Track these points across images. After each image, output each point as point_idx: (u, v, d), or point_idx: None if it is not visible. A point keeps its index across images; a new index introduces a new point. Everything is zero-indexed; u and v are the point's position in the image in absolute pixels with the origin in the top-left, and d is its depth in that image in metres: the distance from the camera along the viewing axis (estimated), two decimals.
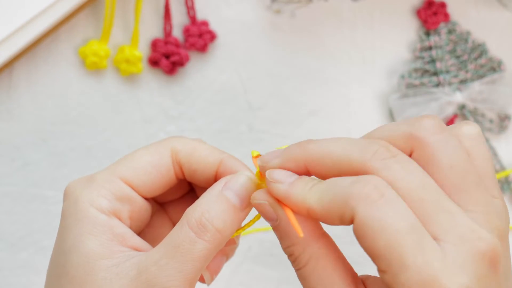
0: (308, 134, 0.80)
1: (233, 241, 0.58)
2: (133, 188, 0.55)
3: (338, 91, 0.81)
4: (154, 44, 0.80)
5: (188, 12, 0.80)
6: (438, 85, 0.81)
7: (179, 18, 0.81)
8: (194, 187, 0.60)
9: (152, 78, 0.81)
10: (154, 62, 0.80)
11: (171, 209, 0.61)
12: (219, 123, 0.81)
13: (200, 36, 0.80)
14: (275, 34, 0.81)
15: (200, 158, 0.56)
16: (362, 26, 0.81)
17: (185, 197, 0.61)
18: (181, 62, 0.80)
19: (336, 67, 0.81)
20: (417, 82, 0.80)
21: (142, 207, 0.56)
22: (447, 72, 0.81)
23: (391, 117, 0.81)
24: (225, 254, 0.58)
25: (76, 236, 0.52)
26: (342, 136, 0.49)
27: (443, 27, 0.81)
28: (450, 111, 0.80)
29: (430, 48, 0.81)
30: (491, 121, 0.81)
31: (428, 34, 0.81)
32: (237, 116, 0.81)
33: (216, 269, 0.57)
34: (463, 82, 0.81)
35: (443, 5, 0.81)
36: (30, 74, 0.80)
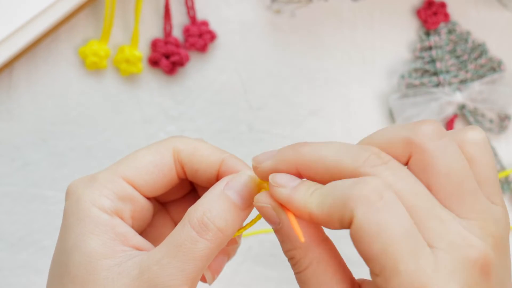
0: (308, 134, 0.80)
1: (234, 241, 0.58)
2: (135, 188, 0.55)
3: (338, 91, 0.81)
4: (154, 44, 0.80)
5: (188, 12, 0.80)
6: (438, 85, 0.81)
7: (179, 18, 0.81)
8: (196, 186, 0.60)
9: (152, 78, 0.81)
10: (154, 62, 0.80)
11: (173, 209, 0.61)
12: (219, 123, 0.81)
13: (200, 36, 0.80)
14: (275, 34, 0.81)
15: (201, 158, 0.56)
16: (362, 26, 0.82)
17: (186, 197, 0.61)
18: (181, 62, 0.80)
19: (336, 67, 0.81)
20: (417, 82, 0.80)
21: (144, 207, 0.56)
22: (447, 72, 0.81)
23: (391, 117, 0.81)
24: (226, 253, 0.58)
25: (78, 236, 0.52)
26: (335, 141, 0.49)
27: (443, 27, 0.81)
28: (450, 111, 0.80)
29: (430, 48, 0.81)
30: (491, 121, 0.81)
31: (428, 34, 0.81)
32: (237, 116, 0.81)
33: (218, 269, 0.57)
34: (463, 82, 0.81)
35: (443, 5, 0.81)
36: (30, 74, 0.80)
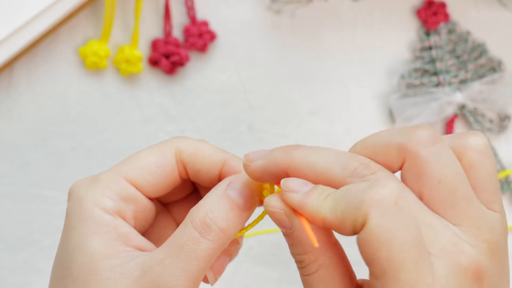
0: (308, 134, 0.80)
1: (236, 241, 0.58)
2: (137, 188, 0.55)
3: (338, 91, 0.81)
4: (154, 44, 0.80)
5: (188, 12, 0.80)
6: (438, 85, 0.81)
7: (179, 18, 0.81)
8: (198, 187, 0.60)
9: (152, 78, 0.81)
10: (154, 62, 0.80)
11: (175, 209, 0.61)
12: (219, 123, 0.81)
13: (200, 36, 0.80)
14: (275, 34, 0.81)
15: (204, 158, 0.56)
16: (362, 26, 0.82)
17: (189, 197, 0.61)
18: (181, 62, 0.80)
19: (336, 67, 0.81)
20: (417, 82, 0.81)
21: (146, 207, 0.56)
22: (447, 72, 0.81)
23: (391, 117, 0.81)
24: (228, 254, 0.58)
25: (81, 236, 0.52)
26: (327, 147, 0.49)
27: (443, 27, 0.81)
28: (450, 111, 0.80)
29: (430, 48, 0.81)
30: (491, 121, 0.81)
31: (428, 34, 0.82)
32: (237, 116, 0.81)
33: (220, 269, 0.57)
34: (463, 82, 0.81)
35: (443, 5, 0.81)
36: (30, 74, 0.80)
